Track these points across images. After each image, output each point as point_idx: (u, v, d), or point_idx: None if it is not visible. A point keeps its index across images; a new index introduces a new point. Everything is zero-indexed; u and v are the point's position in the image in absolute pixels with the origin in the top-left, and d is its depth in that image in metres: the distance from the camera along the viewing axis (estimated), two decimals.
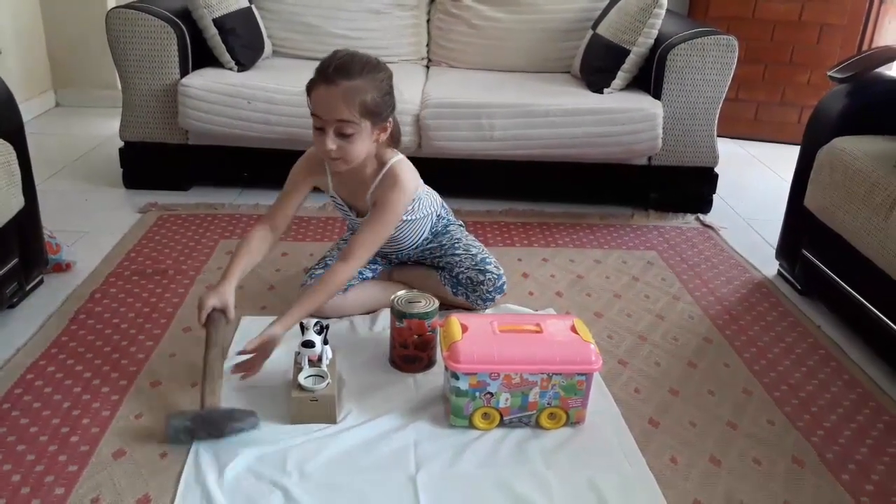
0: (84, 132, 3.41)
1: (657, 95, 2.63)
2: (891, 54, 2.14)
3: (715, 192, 2.77)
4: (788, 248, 2.24)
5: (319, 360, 1.54)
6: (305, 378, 1.50)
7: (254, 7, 2.90)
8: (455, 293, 1.92)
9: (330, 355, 1.57)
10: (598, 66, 2.74)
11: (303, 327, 1.54)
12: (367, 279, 1.96)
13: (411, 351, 1.68)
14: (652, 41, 2.62)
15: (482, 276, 1.89)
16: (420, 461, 1.41)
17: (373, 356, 1.74)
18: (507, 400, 1.48)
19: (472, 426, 1.50)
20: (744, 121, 3.75)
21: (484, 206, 2.69)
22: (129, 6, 2.57)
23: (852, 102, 2.05)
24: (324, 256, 2.00)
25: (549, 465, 1.41)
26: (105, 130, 3.38)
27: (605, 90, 2.67)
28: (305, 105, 1.63)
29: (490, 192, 2.77)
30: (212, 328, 1.59)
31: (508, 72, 3.01)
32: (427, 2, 3.12)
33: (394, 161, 1.74)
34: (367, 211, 1.77)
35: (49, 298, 1.95)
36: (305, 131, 2.45)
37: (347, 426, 1.49)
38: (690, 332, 1.95)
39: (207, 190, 2.75)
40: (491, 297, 1.92)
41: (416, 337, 1.66)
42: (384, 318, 1.88)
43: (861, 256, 1.83)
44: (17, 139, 1.83)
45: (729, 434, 1.55)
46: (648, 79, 2.68)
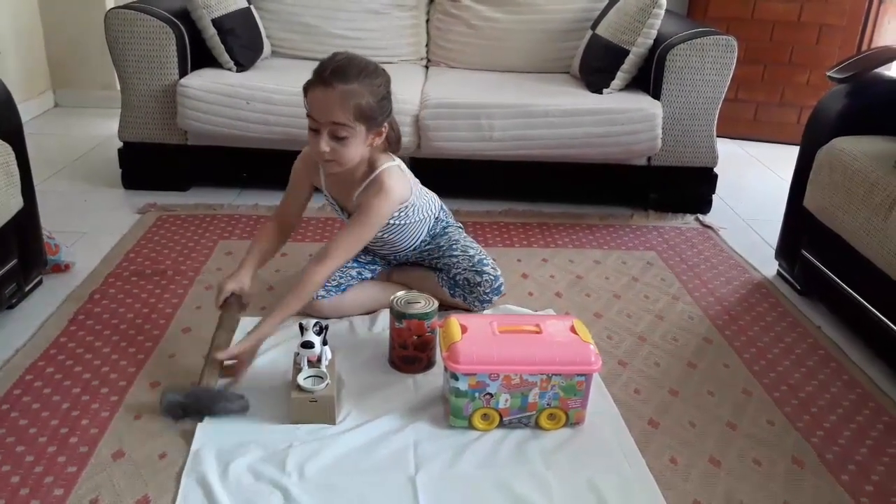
0: (83, 133, 3.40)
1: (656, 96, 2.63)
2: (890, 54, 2.14)
3: (714, 192, 2.77)
4: (788, 248, 2.24)
5: (319, 360, 1.54)
6: (305, 379, 1.50)
7: (253, 7, 2.90)
8: (453, 294, 1.92)
9: (329, 356, 1.57)
10: (597, 66, 2.74)
11: (302, 328, 1.54)
12: (366, 280, 1.96)
13: (411, 352, 1.68)
14: (651, 41, 2.62)
15: (479, 278, 1.88)
16: (419, 462, 1.41)
17: (372, 357, 1.74)
18: (507, 401, 1.48)
19: (471, 427, 1.50)
20: (743, 121, 3.75)
21: (483, 207, 2.69)
22: (127, 7, 2.57)
23: (851, 103, 2.05)
24: None
25: (549, 466, 1.41)
26: (104, 131, 3.38)
27: (604, 90, 2.67)
28: (304, 106, 1.64)
29: (489, 193, 2.77)
30: (226, 312, 1.68)
31: (507, 72, 3.01)
32: (426, 2, 3.12)
33: (384, 168, 1.72)
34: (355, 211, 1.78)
35: (48, 299, 1.95)
36: (304, 132, 2.43)
37: (347, 427, 1.49)
38: (690, 332, 1.95)
39: (206, 190, 2.75)
40: (488, 299, 1.92)
41: (415, 337, 1.66)
42: (383, 318, 1.88)
43: (860, 257, 1.83)
44: (16, 140, 1.83)
45: (729, 434, 1.55)
46: (648, 79, 2.68)
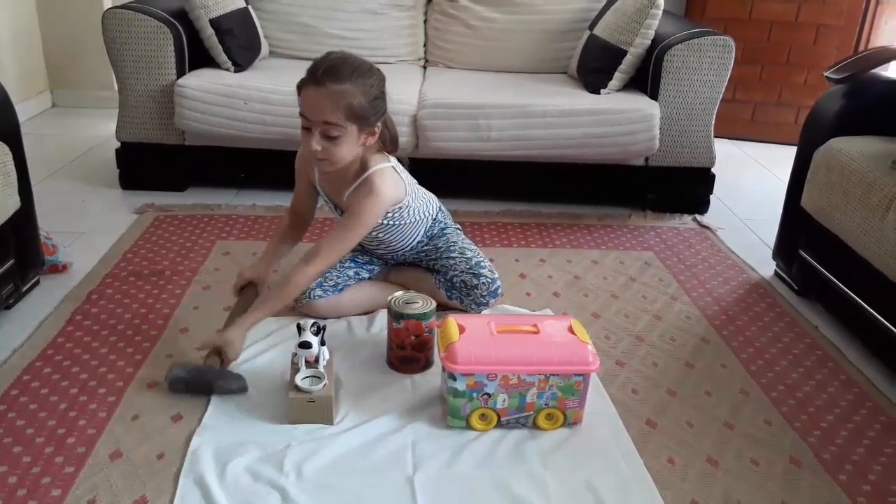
0: (80, 133, 3.40)
1: (654, 96, 2.63)
2: (887, 55, 2.14)
3: (712, 192, 2.77)
4: (785, 248, 2.24)
5: (316, 361, 1.54)
6: (302, 379, 1.50)
7: (250, 7, 2.90)
8: (449, 297, 1.92)
9: (327, 356, 1.57)
10: (594, 66, 2.75)
11: (299, 328, 1.54)
12: (363, 280, 1.96)
13: (409, 352, 1.68)
14: (649, 42, 2.62)
15: (476, 280, 1.88)
16: (417, 462, 1.41)
17: (370, 357, 1.74)
18: (505, 401, 1.48)
19: (469, 427, 1.50)
20: (741, 121, 3.76)
21: (481, 207, 2.69)
22: (125, 7, 2.57)
23: (849, 103, 2.06)
24: None
25: (547, 466, 1.41)
26: (102, 131, 3.37)
27: (602, 91, 2.67)
28: (300, 111, 1.64)
29: (487, 193, 2.77)
30: (242, 298, 1.79)
31: (505, 72, 3.01)
32: (424, 2, 3.12)
33: (375, 169, 1.72)
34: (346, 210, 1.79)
35: (45, 300, 1.94)
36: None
37: (345, 427, 1.49)
38: (688, 332, 1.95)
39: (204, 190, 2.74)
40: (485, 302, 1.92)
41: (413, 338, 1.66)
42: (381, 318, 1.88)
43: (858, 257, 1.84)
44: (14, 140, 1.83)
45: (726, 434, 1.55)
46: (645, 79, 2.68)
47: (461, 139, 2.56)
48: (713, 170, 2.74)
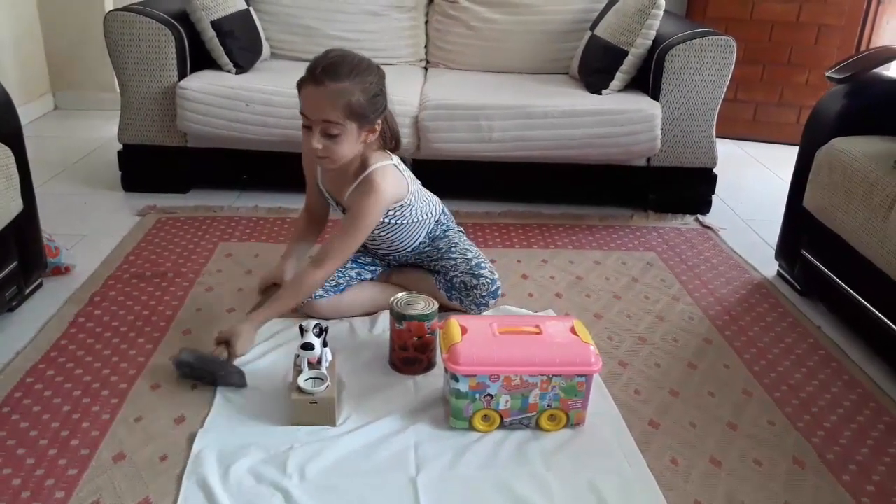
0: (83, 135, 3.40)
1: (655, 96, 2.63)
2: (889, 54, 2.14)
3: (714, 192, 2.77)
4: (788, 248, 2.24)
5: (319, 362, 1.54)
6: (305, 381, 1.50)
7: (252, 9, 2.90)
8: (449, 297, 1.92)
9: (329, 358, 1.57)
10: (596, 67, 2.75)
11: (302, 330, 1.54)
12: (365, 280, 1.96)
13: (411, 353, 1.68)
14: (650, 42, 2.62)
15: (476, 281, 1.88)
16: (420, 463, 1.41)
17: (372, 358, 1.74)
18: (507, 402, 1.48)
19: (472, 428, 1.50)
20: (742, 121, 3.75)
21: (483, 208, 2.69)
22: (126, 9, 2.57)
23: (851, 103, 2.05)
24: None
25: (550, 467, 1.41)
26: (103, 133, 3.38)
27: (603, 91, 2.67)
28: (300, 110, 1.64)
29: (489, 194, 2.77)
30: (264, 298, 1.84)
31: (507, 73, 3.01)
32: (425, 4, 3.12)
33: (376, 167, 1.72)
34: (348, 208, 1.80)
35: (48, 302, 1.95)
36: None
37: (347, 429, 1.49)
38: (690, 333, 1.95)
39: (206, 192, 2.75)
40: (485, 302, 1.91)
41: (415, 339, 1.66)
42: (383, 320, 1.88)
43: (860, 257, 1.83)
44: (16, 142, 1.83)
45: (729, 435, 1.55)
46: (647, 80, 2.68)
47: (462, 140, 2.56)
48: (715, 170, 2.74)
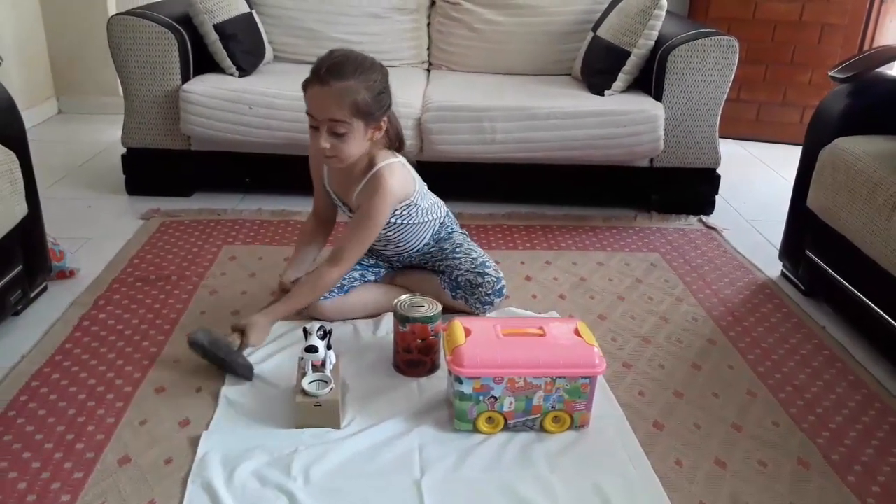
0: (86, 139, 3.41)
1: (658, 97, 2.63)
2: (892, 54, 2.14)
3: (717, 193, 2.77)
4: (792, 248, 2.23)
5: (323, 365, 1.54)
6: (309, 383, 1.50)
7: (254, 12, 2.91)
8: (454, 296, 1.92)
9: (333, 360, 1.57)
10: (598, 68, 2.75)
11: (306, 333, 1.54)
12: (369, 282, 1.96)
13: (415, 355, 1.68)
14: (652, 43, 2.62)
15: (481, 279, 1.88)
16: (424, 465, 1.41)
17: (376, 361, 1.74)
18: (511, 404, 1.48)
19: (476, 430, 1.50)
20: (745, 121, 3.75)
21: (486, 210, 2.69)
22: (130, 13, 2.58)
23: (854, 102, 2.05)
24: None
25: (554, 469, 1.41)
26: (107, 137, 3.39)
27: (606, 92, 2.67)
28: (306, 110, 1.65)
29: (492, 196, 2.77)
30: (277, 296, 1.85)
31: (509, 75, 3.01)
32: (427, 5, 3.12)
33: (383, 165, 1.74)
34: (355, 208, 1.81)
35: (53, 305, 1.95)
36: (307, 136, 2.44)
37: (352, 431, 1.49)
38: (694, 333, 1.94)
39: (210, 195, 2.75)
40: (489, 301, 1.92)
41: (419, 341, 1.66)
42: (387, 322, 1.88)
43: (864, 257, 1.83)
44: (20, 146, 1.84)
45: (734, 436, 1.54)
46: (649, 80, 2.67)
47: (465, 142, 2.57)
48: (718, 170, 2.74)
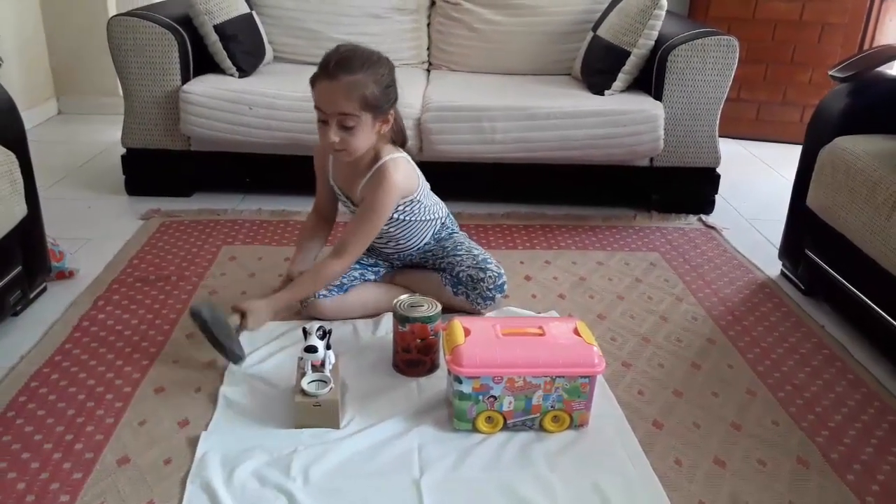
0: (86, 139, 3.42)
1: (658, 97, 2.63)
2: (892, 53, 2.14)
3: (717, 192, 2.77)
4: (791, 248, 2.23)
5: (322, 365, 1.54)
6: (308, 383, 1.50)
7: (254, 13, 2.91)
8: (455, 292, 1.92)
9: (333, 360, 1.57)
10: (598, 67, 2.75)
11: (305, 332, 1.54)
12: (368, 281, 1.96)
13: (414, 355, 1.68)
14: (652, 42, 2.62)
15: (482, 274, 1.89)
16: (424, 465, 1.41)
17: (376, 360, 1.74)
18: (511, 403, 1.48)
19: (475, 430, 1.50)
20: (745, 121, 3.75)
21: (486, 209, 2.69)
22: (130, 14, 2.58)
23: (854, 102, 2.05)
24: None
25: (553, 468, 1.41)
26: (107, 137, 3.39)
27: (605, 92, 2.67)
28: (307, 111, 1.66)
29: (492, 195, 2.77)
30: (281, 285, 1.85)
31: (509, 75, 3.01)
32: (427, 5, 3.12)
33: (388, 158, 1.76)
34: (359, 202, 1.82)
35: (53, 306, 1.95)
36: (307, 136, 2.46)
37: (351, 431, 1.49)
38: (694, 333, 1.94)
39: (210, 196, 2.75)
40: (491, 296, 1.92)
41: (418, 341, 1.66)
42: (387, 322, 1.88)
43: (864, 256, 1.83)
44: (20, 147, 1.84)
45: (733, 435, 1.54)
46: (649, 80, 2.67)
47: (465, 142, 2.57)
48: (718, 170, 2.74)
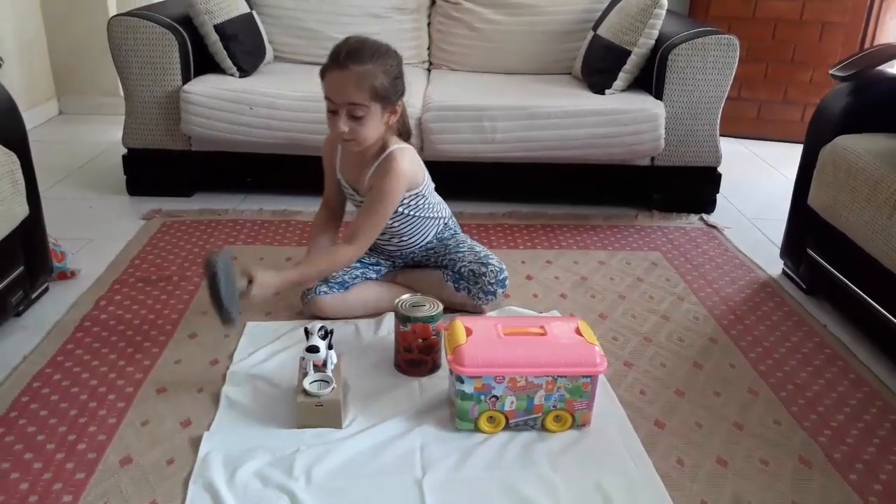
0: (87, 140, 3.42)
1: (659, 96, 2.63)
2: (892, 52, 2.13)
3: (718, 191, 2.77)
4: (793, 247, 2.23)
5: (324, 364, 1.54)
6: (311, 383, 1.51)
7: (255, 13, 2.91)
8: (457, 288, 1.92)
9: (335, 360, 1.57)
10: (599, 67, 2.74)
11: (307, 332, 1.54)
12: (370, 279, 1.96)
13: (416, 355, 1.68)
14: (653, 41, 2.62)
15: (484, 269, 1.89)
16: (426, 465, 1.41)
17: (378, 360, 1.75)
18: (513, 403, 1.48)
19: (477, 429, 1.50)
20: (746, 120, 3.75)
21: (487, 209, 2.69)
22: (130, 13, 2.58)
23: (855, 100, 2.05)
24: None
25: (556, 468, 1.41)
26: (108, 138, 3.39)
27: (606, 91, 2.67)
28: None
29: (493, 195, 2.77)
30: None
31: (510, 74, 3.01)
32: (427, 5, 3.12)
33: (395, 148, 1.79)
34: (366, 192, 1.83)
35: (54, 306, 1.95)
36: (307, 136, 2.46)
37: (353, 431, 1.49)
38: (695, 332, 1.94)
39: (211, 196, 2.75)
40: (492, 290, 1.92)
41: (420, 341, 1.66)
42: (388, 322, 1.88)
43: (866, 255, 1.83)
44: (21, 148, 1.84)
45: (735, 435, 1.54)
46: (650, 79, 2.67)
47: (466, 141, 2.57)
48: (719, 169, 2.74)
